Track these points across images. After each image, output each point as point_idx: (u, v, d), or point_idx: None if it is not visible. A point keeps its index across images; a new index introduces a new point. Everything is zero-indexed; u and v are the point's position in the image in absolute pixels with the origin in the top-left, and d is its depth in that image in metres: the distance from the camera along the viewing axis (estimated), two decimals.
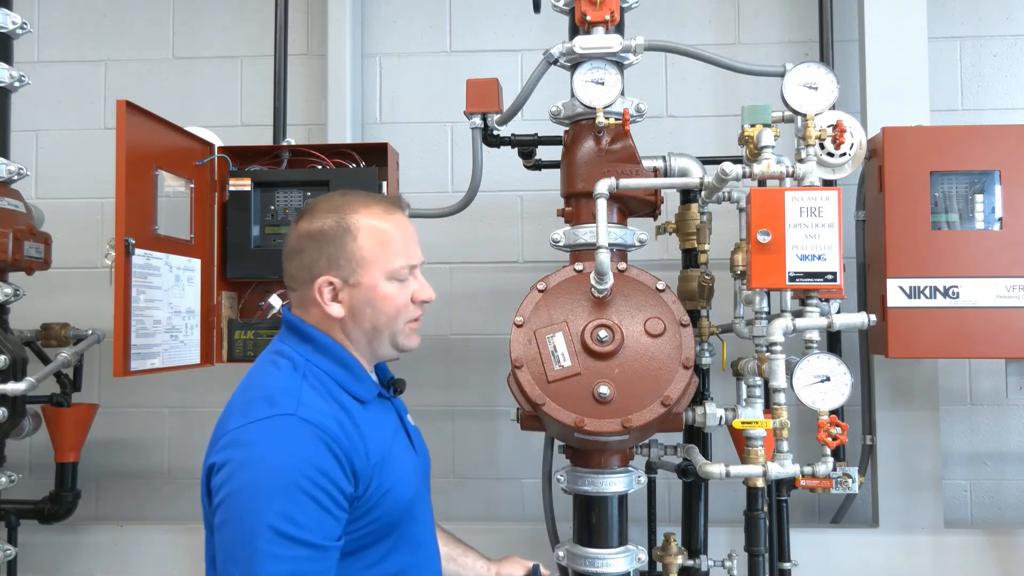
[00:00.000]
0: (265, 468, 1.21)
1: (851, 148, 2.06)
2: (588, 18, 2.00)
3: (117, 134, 2.12)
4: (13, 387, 2.34)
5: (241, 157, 2.59)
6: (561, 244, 2.09)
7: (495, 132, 2.28)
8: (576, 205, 2.10)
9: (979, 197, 2.39)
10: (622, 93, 2.02)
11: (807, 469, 1.86)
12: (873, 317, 1.85)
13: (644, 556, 2.07)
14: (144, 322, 2.18)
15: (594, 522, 2.04)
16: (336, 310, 1.38)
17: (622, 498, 2.06)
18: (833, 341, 2.61)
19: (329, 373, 1.37)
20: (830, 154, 2.06)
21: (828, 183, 2.03)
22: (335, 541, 1.25)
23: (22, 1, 2.66)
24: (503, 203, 3.08)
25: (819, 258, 1.74)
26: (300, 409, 1.27)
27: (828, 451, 1.83)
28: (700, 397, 2.19)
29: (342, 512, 1.27)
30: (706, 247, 2.23)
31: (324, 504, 1.22)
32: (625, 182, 1.91)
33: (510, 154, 2.39)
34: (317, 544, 1.21)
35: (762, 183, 1.91)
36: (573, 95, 2.02)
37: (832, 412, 1.80)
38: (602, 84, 1.99)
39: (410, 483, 1.43)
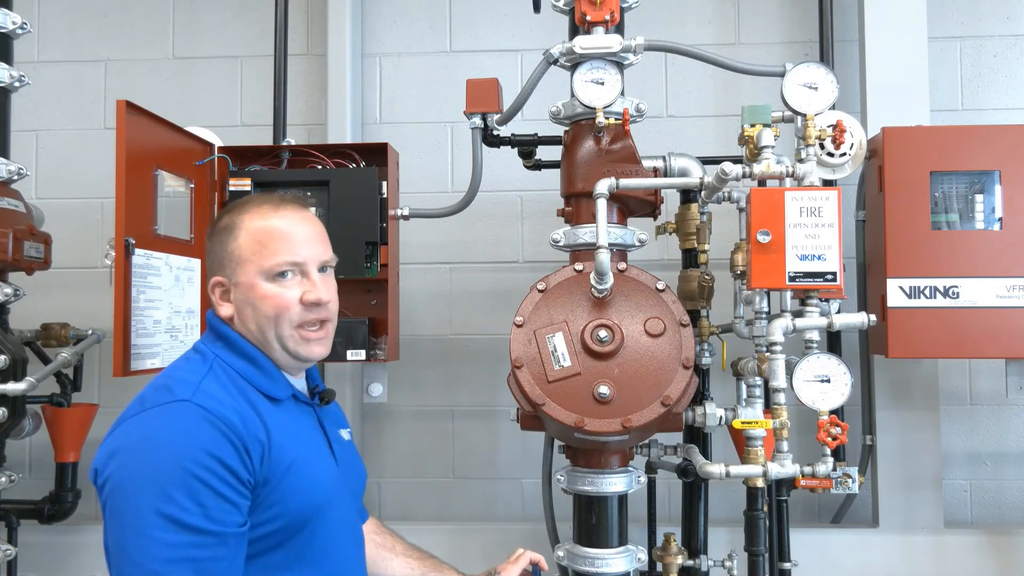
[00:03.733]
0: (153, 453, 1.18)
1: (851, 148, 2.06)
2: (588, 18, 2.00)
3: (117, 134, 2.12)
4: (13, 387, 2.34)
5: (241, 157, 2.59)
6: (561, 244, 2.09)
7: (495, 132, 2.28)
8: (576, 205, 2.10)
9: (979, 197, 2.39)
10: (622, 93, 2.02)
11: (807, 469, 1.86)
12: (873, 317, 1.85)
13: (644, 556, 2.07)
14: (144, 322, 2.18)
15: (594, 522, 2.04)
16: (225, 310, 1.38)
17: (622, 498, 2.06)
18: (833, 341, 2.61)
19: (238, 370, 1.34)
20: (830, 154, 2.06)
21: (828, 183, 2.03)
22: (235, 527, 1.21)
23: (22, 1, 2.66)
24: (503, 203, 3.08)
25: (819, 258, 1.74)
26: (196, 396, 1.24)
27: (828, 451, 1.83)
28: (700, 397, 2.19)
29: (242, 498, 1.22)
30: (706, 247, 2.23)
31: (218, 489, 1.18)
32: (625, 182, 1.91)
33: (510, 154, 2.39)
34: (209, 530, 1.17)
35: (762, 183, 1.91)
36: (573, 95, 2.02)
37: (832, 412, 1.80)
38: (602, 84, 1.99)
39: (321, 488, 1.36)
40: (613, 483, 2.01)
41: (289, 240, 1.35)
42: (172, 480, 1.16)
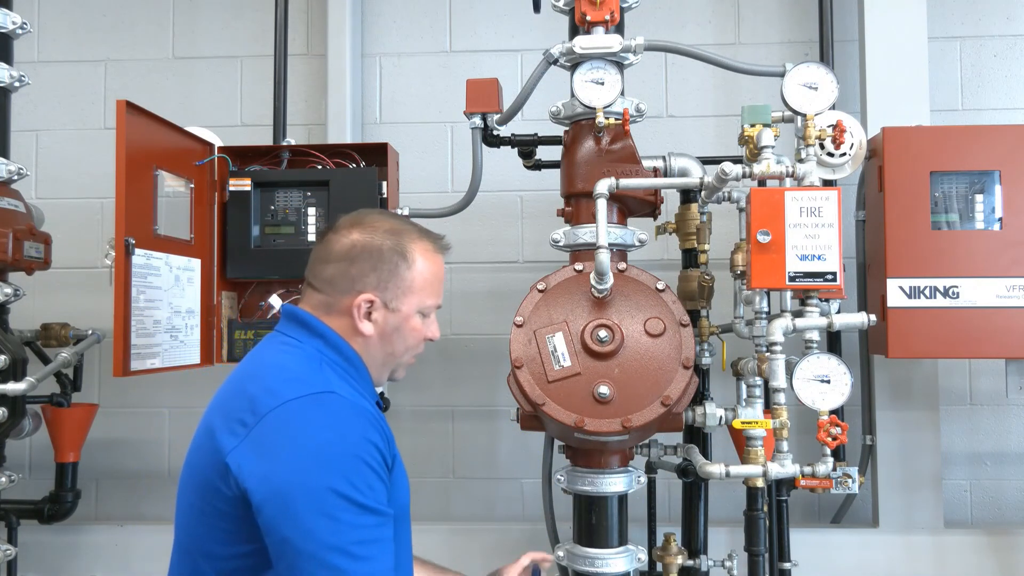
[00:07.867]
0: (323, 440, 1.21)
1: (851, 148, 2.06)
2: (588, 18, 2.00)
3: (117, 134, 2.12)
4: (13, 387, 2.34)
5: (241, 157, 2.59)
6: (561, 244, 2.09)
7: (495, 132, 2.28)
8: (576, 205, 2.10)
9: (979, 197, 2.39)
10: (622, 93, 2.02)
11: (807, 469, 1.86)
12: (873, 317, 1.85)
13: (644, 556, 2.07)
14: (144, 322, 2.18)
15: (594, 522, 2.04)
16: (367, 328, 1.39)
17: (622, 498, 2.06)
18: (833, 341, 2.61)
19: (343, 370, 1.37)
20: (830, 154, 2.05)
21: (828, 183, 2.03)
22: (390, 508, 1.26)
23: (22, 1, 2.66)
24: (503, 203, 3.08)
25: (819, 258, 1.74)
26: (336, 388, 1.29)
27: (828, 451, 1.84)
28: (700, 397, 2.19)
29: (387, 484, 1.28)
30: (706, 247, 2.23)
31: (380, 474, 1.24)
32: (625, 182, 1.91)
33: (510, 154, 2.39)
34: (384, 512, 1.23)
35: (762, 183, 1.91)
36: (573, 95, 2.02)
37: (832, 412, 1.80)
38: (602, 84, 1.99)
39: (407, 489, 1.44)
40: (613, 483, 2.01)
41: (442, 285, 1.50)
42: (348, 466, 1.20)
